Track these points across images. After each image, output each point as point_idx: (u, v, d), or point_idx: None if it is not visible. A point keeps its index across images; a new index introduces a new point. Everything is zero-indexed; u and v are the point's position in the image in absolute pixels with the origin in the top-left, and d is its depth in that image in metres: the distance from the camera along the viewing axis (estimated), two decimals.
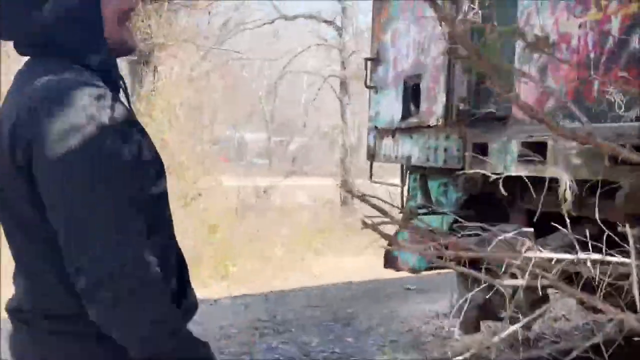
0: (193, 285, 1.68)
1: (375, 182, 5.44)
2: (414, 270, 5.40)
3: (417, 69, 4.73)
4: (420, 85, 4.65)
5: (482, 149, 3.92)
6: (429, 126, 4.50)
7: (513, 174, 3.57)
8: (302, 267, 11.66)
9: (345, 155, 17.17)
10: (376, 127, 5.33)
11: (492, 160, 3.67)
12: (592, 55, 5.81)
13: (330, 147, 27.14)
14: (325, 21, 17.85)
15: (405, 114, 4.91)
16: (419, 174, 4.86)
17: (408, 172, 4.87)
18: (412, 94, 4.88)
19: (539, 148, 3.38)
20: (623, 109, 5.37)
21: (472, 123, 4.18)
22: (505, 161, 3.57)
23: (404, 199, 5.19)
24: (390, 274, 11.93)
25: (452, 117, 4.25)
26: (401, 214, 2.01)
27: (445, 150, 4.30)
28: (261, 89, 33.76)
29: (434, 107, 4.46)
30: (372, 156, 5.41)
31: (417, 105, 4.79)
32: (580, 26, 5.95)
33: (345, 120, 17.29)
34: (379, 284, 10.64)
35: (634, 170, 2.88)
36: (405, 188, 5.09)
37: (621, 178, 2.96)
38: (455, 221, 5.30)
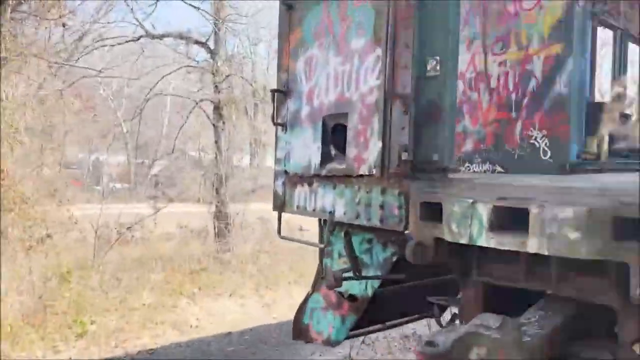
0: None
1: (285, 238, 4.53)
2: (329, 342, 4.56)
3: (340, 106, 3.94)
4: (347, 126, 3.86)
5: (433, 210, 3.22)
6: (359, 176, 3.72)
7: (483, 245, 2.94)
8: (174, 316, 10.22)
9: (220, 185, 15.95)
10: (286, 172, 4.43)
11: (453, 226, 2.96)
12: (513, 96, 5.57)
13: (196, 170, 25.64)
14: (197, 42, 16.61)
15: (326, 159, 4.09)
16: (343, 231, 4.04)
17: (329, 228, 4.02)
18: (333, 135, 4.08)
19: (518, 215, 2.74)
20: (548, 155, 5.14)
21: (414, 176, 3.48)
22: (471, 229, 2.87)
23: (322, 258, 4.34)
24: (272, 319, 10.99)
25: (389, 168, 3.50)
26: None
27: (382, 207, 3.54)
28: (120, 108, 31.16)
29: (365, 153, 3.69)
30: (280, 206, 4.49)
31: (342, 150, 3.99)
32: (500, 64, 5.71)
33: (220, 147, 16.11)
34: (261, 333, 9.63)
35: None
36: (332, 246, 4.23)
37: (631, 259, 2.39)
38: (383, 285, 4.60)
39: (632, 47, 6.23)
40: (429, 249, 3.18)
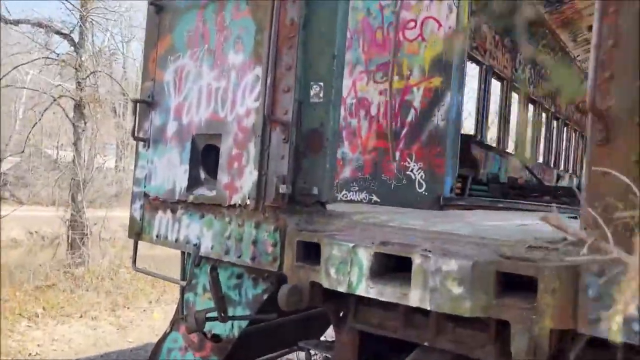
0: None
1: (140, 271, 3.97)
2: None
3: (213, 126, 3.52)
4: (220, 149, 3.46)
5: (310, 250, 2.92)
6: (231, 206, 3.32)
7: (362, 294, 2.69)
8: (10, 343, 8.89)
9: (77, 190, 14.46)
10: (146, 195, 3.89)
11: (331, 271, 2.68)
12: (392, 125, 5.52)
13: (52, 170, 23.29)
14: (59, 33, 15.01)
15: (194, 184, 3.64)
16: (210, 266, 3.60)
17: (193, 263, 3.56)
18: (204, 157, 3.65)
19: (401, 263, 2.53)
20: (424, 188, 5.14)
21: (292, 209, 3.17)
22: (351, 276, 2.61)
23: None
24: (127, 343, 10.03)
25: (265, 200, 3.16)
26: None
27: (255, 243, 3.18)
28: None
29: (238, 181, 3.31)
30: (137, 234, 3.93)
31: (213, 174, 3.57)
32: (381, 93, 5.64)
33: (80, 148, 14.63)
34: None
35: (527, 305, 2.24)
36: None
37: (512, 318, 2.27)
38: (252, 323, 4.20)
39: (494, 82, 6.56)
40: (304, 293, 2.87)
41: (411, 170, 4.89)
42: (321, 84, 3.26)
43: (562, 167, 18.24)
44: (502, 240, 2.62)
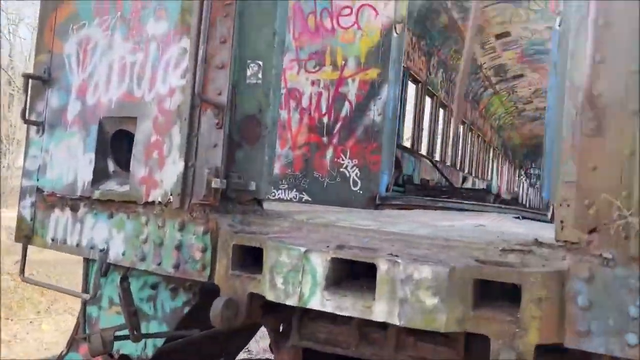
0: None
1: (29, 282, 3.28)
2: None
3: (127, 108, 2.95)
4: (135, 136, 2.89)
5: (249, 256, 2.47)
6: (149, 204, 2.78)
7: (317, 309, 2.27)
8: None
9: None
10: (39, 190, 3.22)
11: (278, 281, 2.25)
12: (325, 119, 5.15)
13: None
14: None
15: (101, 177, 3.04)
16: (120, 274, 3.02)
17: (98, 272, 2.96)
18: (114, 145, 3.06)
19: (364, 270, 2.14)
20: (359, 186, 4.81)
21: (224, 208, 2.69)
22: (302, 287, 2.19)
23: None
24: None
25: (192, 197, 2.66)
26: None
27: (179, 248, 2.66)
28: None
29: (158, 174, 2.77)
30: (27, 237, 3.24)
31: (125, 166, 3.00)
32: (313, 83, 5.24)
33: None
34: None
35: (509, 317, 1.95)
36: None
37: (492, 332, 1.96)
38: (168, 340, 3.63)
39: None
40: (241, 307, 2.40)
41: (345, 168, 4.55)
42: (260, 62, 2.82)
43: (466, 170, 18.99)
44: (469, 242, 2.33)
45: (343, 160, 4.57)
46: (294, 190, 4.73)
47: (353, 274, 2.31)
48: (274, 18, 2.85)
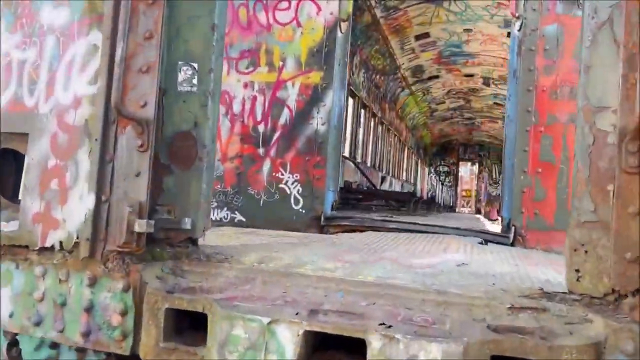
0: None
1: None
2: None
3: (14, 120, 2.24)
4: (26, 158, 2.19)
5: (188, 319, 1.88)
6: (45, 249, 2.10)
7: None
8: None
9: None
10: None
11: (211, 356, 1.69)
12: (261, 128, 4.52)
13: None
14: None
15: None
16: (8, 339, 2.31)
17: None
18: None
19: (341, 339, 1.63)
20: (301, 204, 4.25)
21: (150, 253, 2.07)
22: None
23: None
24: None
25: (107, 242, 2.02)
26: None
27: (89, 310, 2.00)
28: None
29: (59, 210, 2.10)
30: None
31: (12, 197, 2.28)
32: (246, 86, 4.59)
33: None
34: None
35: None
36: None
37: None
38: None
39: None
40: None
41: (285, 183, 4.01)
42: (195, 65, 2.23)
43: (384, 170, 19.06)
44: (467, 296, 1.89)
45: (282, 174, 4.03)
46: (225, 209, 4.11)
47: (326, 343, 1.79)
48: (212, 8, 2.26)
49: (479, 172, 34.82)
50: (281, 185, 4.01)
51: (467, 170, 35.88)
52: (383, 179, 18.24)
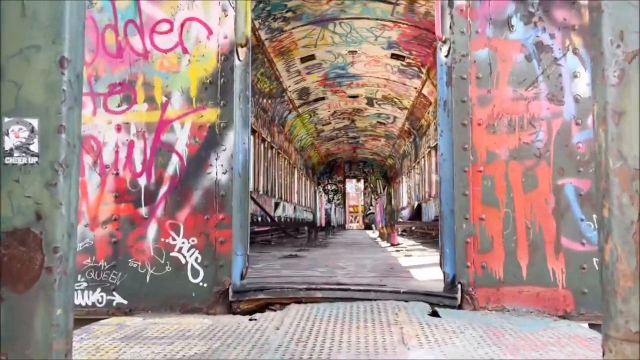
0: None
1: None
2: None
3: None
4: None
5: None
6: None
7: None
8: None
9: None
10: None
11: None
12: (143, 181, 3.53)
13: None
14: None
15: None
16: None
17: None
18: None
19: None
20: (201, 276, 3.34)
21: None
22: None
23: None
24: None
25: None
26: None
27: None
28: None
29: None
30: None
31: None
32: (118, 129, 3.57)
33: None
34: None
35: None
36: None
37: None
38: None
39: None
40: None
41: (179, 251, 3.15)
42: (33, 122, 1.40)
43: (277, 196, 18.40)
44: None
45: (174, 239, 3.17)
46: (99, 290, 3.14)
47: None
48: (59, 33, 1.46)
49: (364, 188, 35.61)
50: (173, 254, 3.15)
51: (352, 187, 36.57)
52: (277, 205, 17.57)
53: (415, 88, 15.17)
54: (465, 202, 3.08)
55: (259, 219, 13.06)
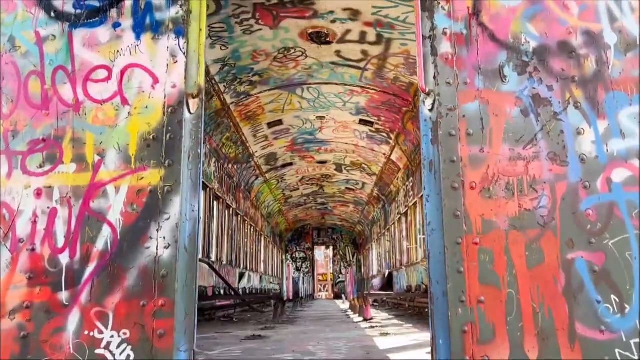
0: None
1: None
2: None
3: None
4: None
5: None
6: None
7: None
8: None
9: None
10: None
11: None
12: (64, 259, 2.83)
13: None
14: None
15: None
16: None
17: None
18: None
19: None
20: None
21: None
22: None
23: None
24: None
25: None
26: None
27: None
28: None
29: None
30: None
31: None
32: (38, 194, 2.90)
33: None
34: None
35: None
36: None
37: None
38: None
39: None
40: None
41: (107, 347, 2.49)
42: None
43: (242, 265, 17.50)
44: None
45: (102, 332, 2.51)
46: None
47: None
48: None
49: (333, 256, 34.79)
50: (99, 351, 2.48)
51: (321, 254, 35.73)
52: (242, 275, 16.66)
53: (384, 154, 14.97)
54: (460, 281, 2.56)
55: (221, 291, 12.19)
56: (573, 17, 2.90)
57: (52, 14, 2.93)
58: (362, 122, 13.14)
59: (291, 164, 17.36)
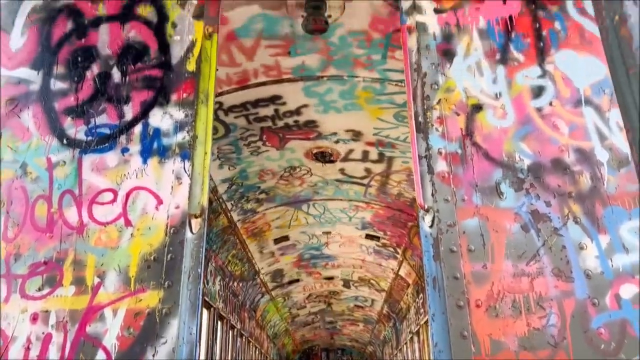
0: None
1: None
2: None
3: None
4: None
5: None
6: None
7: None
8: None
9: None
10: None
11: None
12: None
13: None
14: None
15: None
16: None
17: None
18: None
19: None
20: None
21: None
22: None
23: None
24: None
25: None
26: None
27: None
28: None
29: None
30: None
31: None
32: (34, 319, 2.85)
33: None
34: None
35: None
36: None
37: None
38: None
39: None
40: None
41: None
42: None
43: None
44: None
45: None
46: None
47: None
48: None
49: None
50: None
51: None
52: None
53: (392, 269, 14.76)
54: None
55: None
56: (564, 136, 3.01)
57: (65, 141, 3.09)
58: (368, 236, 13.13)
59: (298, 280, 17.09)
